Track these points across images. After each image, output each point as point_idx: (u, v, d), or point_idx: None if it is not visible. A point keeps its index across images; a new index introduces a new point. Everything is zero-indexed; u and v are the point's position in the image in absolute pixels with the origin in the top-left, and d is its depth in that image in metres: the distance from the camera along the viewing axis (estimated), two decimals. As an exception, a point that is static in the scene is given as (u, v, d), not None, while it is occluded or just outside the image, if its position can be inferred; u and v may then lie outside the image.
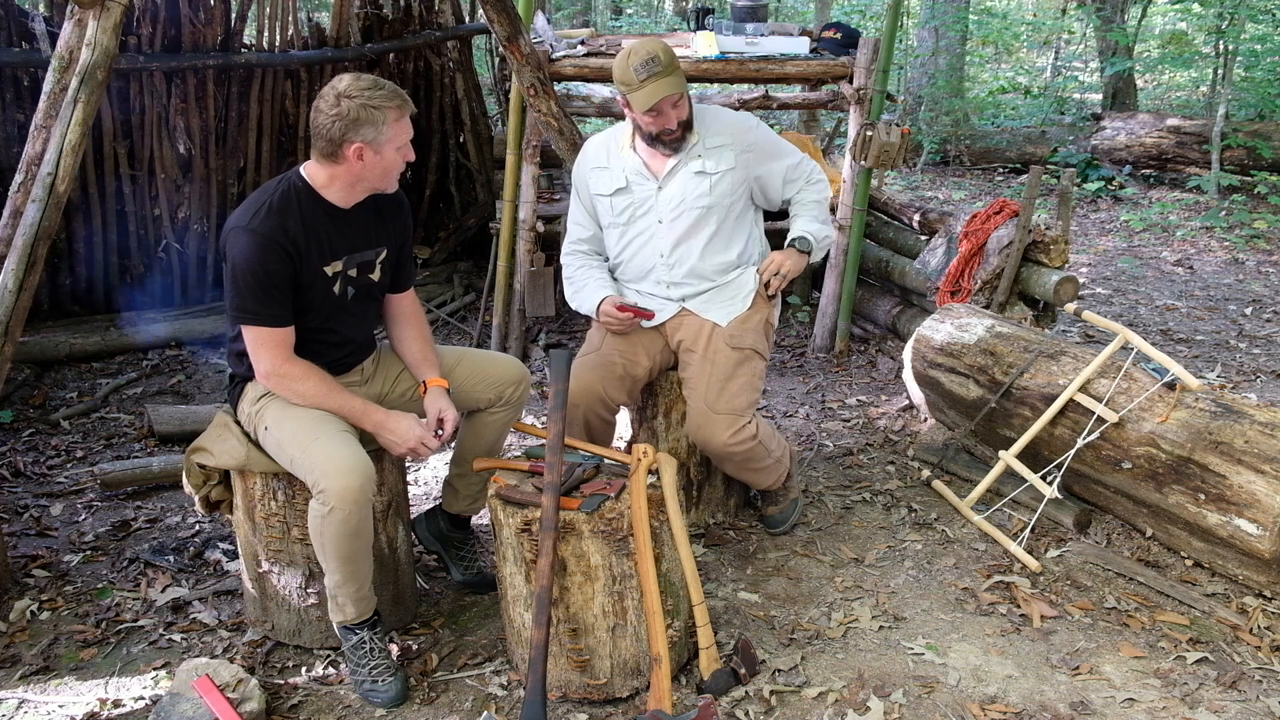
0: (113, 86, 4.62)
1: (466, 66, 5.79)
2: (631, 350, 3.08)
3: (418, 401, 2.68)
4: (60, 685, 2.57)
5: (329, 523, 2.34)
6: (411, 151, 2.45)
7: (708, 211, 3.00)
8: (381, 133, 2.35)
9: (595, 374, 3.03)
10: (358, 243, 2.53)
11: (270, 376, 2.45)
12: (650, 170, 3.02)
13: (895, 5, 4.94)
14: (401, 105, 2.38)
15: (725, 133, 3.01)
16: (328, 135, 2.34)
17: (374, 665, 2.49)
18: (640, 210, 3.04)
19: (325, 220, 2.45)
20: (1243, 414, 2.89)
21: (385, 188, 2.49)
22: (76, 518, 3.44)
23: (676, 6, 15.18)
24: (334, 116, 2.32)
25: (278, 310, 2.40)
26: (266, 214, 2.37)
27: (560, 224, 5.10)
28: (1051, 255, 3.99)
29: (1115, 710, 2.42)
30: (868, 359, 4.86)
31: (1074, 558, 3.08)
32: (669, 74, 2.82)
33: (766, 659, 2.62)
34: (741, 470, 3.10)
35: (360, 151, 2.36)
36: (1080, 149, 9.25)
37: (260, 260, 2.35)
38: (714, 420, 2.95)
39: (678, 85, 2.85)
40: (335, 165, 2.40)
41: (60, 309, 4.97)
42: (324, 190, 2.45)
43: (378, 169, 2.41)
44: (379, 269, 2.61)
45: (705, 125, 3.01)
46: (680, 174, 2.99)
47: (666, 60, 2.82)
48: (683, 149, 2.98)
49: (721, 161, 2.99)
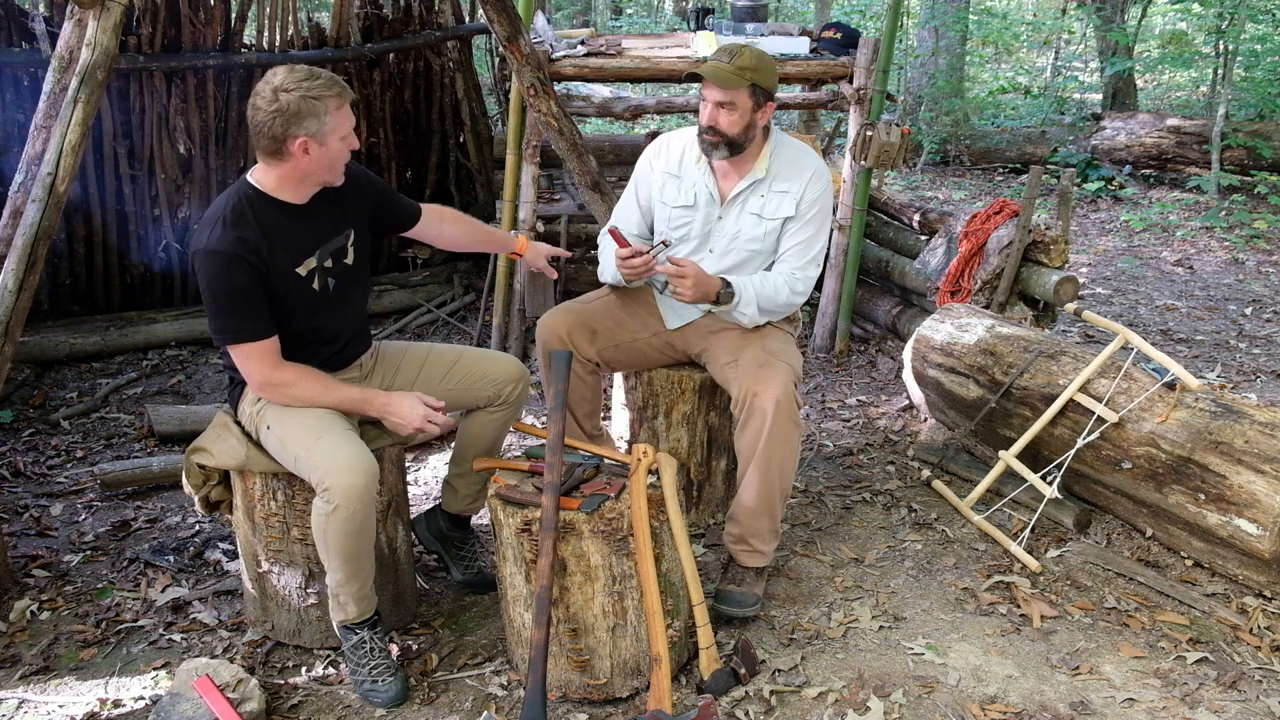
0: (113, 86, 4.62)
1: (466, 66, 5.78)
2: (621, 315, 3.05)
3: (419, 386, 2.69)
4: (60, 685, 2.57)
5: (333, 521, 2.34)
6: (355, 140, 2.40)
7: (755, 255, 2.96)
8: (324, 123, 2.30)
9: (566, 316, 3.02)
10: (326, 233, 2.50)
11: (264, 388, 2.45)
12: (719, 192, 2.96)
13: (895, 5, 4.93)
14: (341, 93, 2.33)
15: (796, 181, 2.91)
16: (269, 133, 2.29)
17: (374, 665, 2.49)
18: (697, 231, 3.00)
19: (284, 222, 2.41)
20: (1243, 414, 2.89)
21: (332, 180, 2.45)
22: (76, 518, 3.44)
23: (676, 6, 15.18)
24: (273, 113, 2.27)
25: (256, 323, 2.38)
26: (223, 229, 2.32)
27: (560, 224, 5.11)
28: (1051, 255, 3.99)
29: (1115, 710, 2.42)
30: (868, 359, 4.86)
31: (1074, 558, 3.08)
32: (733, 74, 2.74)
33: (766, 659, 2.62)
34: (764, 467, 2.72)
35: (305, 145, 2.31)
36: (1080, 149, 9.24)
37: (226, 277, 2.31)
38: (777, 365, 2.78)
39: (730, 83, 2.75)
40: (281, 163, 2.36)
41: (60, 309, 4.97)
42: (276, 192, 2.41)
43: (324, 161, 2.37)
44: (351, 251, 2.58)
45: (779, 164, 2.92)
46: (741, 207, 2.94)
47: (750, 60, 2.75)
48: (745, 182, 2.92)
49: (780, 209, 2.91)
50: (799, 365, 2.93)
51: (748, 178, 2.93)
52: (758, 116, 2.84)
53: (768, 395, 2.70)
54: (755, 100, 2.81)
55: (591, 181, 4.22)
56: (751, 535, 2.80)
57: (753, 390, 2.73)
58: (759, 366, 2.79)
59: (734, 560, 2.86)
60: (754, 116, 2.83)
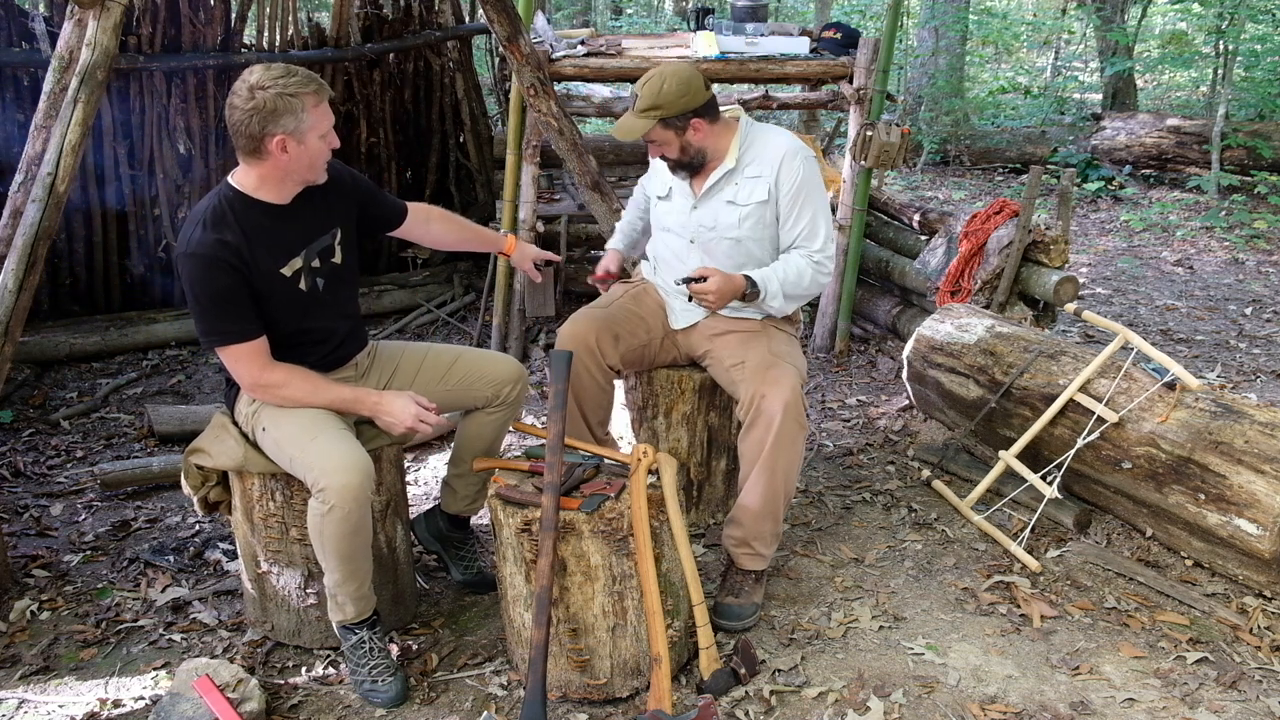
0: (113, 86, 4.62)
1: (466, 66, 5.79)
2: (638, 316, 3.06)
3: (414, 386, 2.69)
4: (60, 685, 2.57)
5: (329, 521, 2.34)
6: (336, 138, 2.38)
7: (738, 244, 2.92)
8: (302, 121, 2.28)
9: (592, 323, 2.97)
10: (311, 232, 2.49)
11: (255, 389, 2.44)
12: (691, 187, 2.96)
13: (895, 5, 4.93)
14: (318, 90, 2.31)
15: (767, 163, 2.87)
16: (247, 131, 2.28)
17: (374, 665, 2.49)
18: (674, 223, 3.01)
19: (266, 223, 2.39)
20: (1243, 414, 2.89)
21: (314, 179, 2.43)
22: (76, 518, 3.44)
23: (676, 6, 15.18)
24: (250, 111, 2.25)
25: (242, 324, 2.37)
26: (202, 232, 2.31)
27: (560, 224, 5.11)
28: (1051, 255, 3.99)
29: (1115, 710, 2.42)
30: (868, 359, 4.86)
31: (1074, 558, 3.08)
32: (642, 115, 2.75)
33: (766, 659, 2.62)
34: (769, 467, 2.72)
35: (283, 144, 2.29)
36: (1080, 149, 9.25)
37: (208, 279, 2.30)
38: (784, 367, 2.78)
39: (641, 129, 2.77)
40: (261, 163, 2.34)
41: (60, 309, 4.97)
42: (257, 193, 2.39)
43: (304, 160, 2.35)
44: (338, 250, 2.57)
45: (752, 152, 2.90)
46: (714, 199, 2.92)
47: (649, 98, 2.74)
48: (717, 175, 2.89)
49: (754, 194, 2.87)
50: (804, 367, 2.93)
51: (719, 170, 2.90)
52: (690, 136, 2.81)
53: (775, 398, 2.69)
54: (675, 128, 2.78)
55: (591, 181, 4.22)
56: (754, 538, 2.79)
57: (760, 392, 2.71)
58: (766, 369, 2.78)
59: (734, 565, 2.85)
60: (685, 138, 2.81)
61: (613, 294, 3.16)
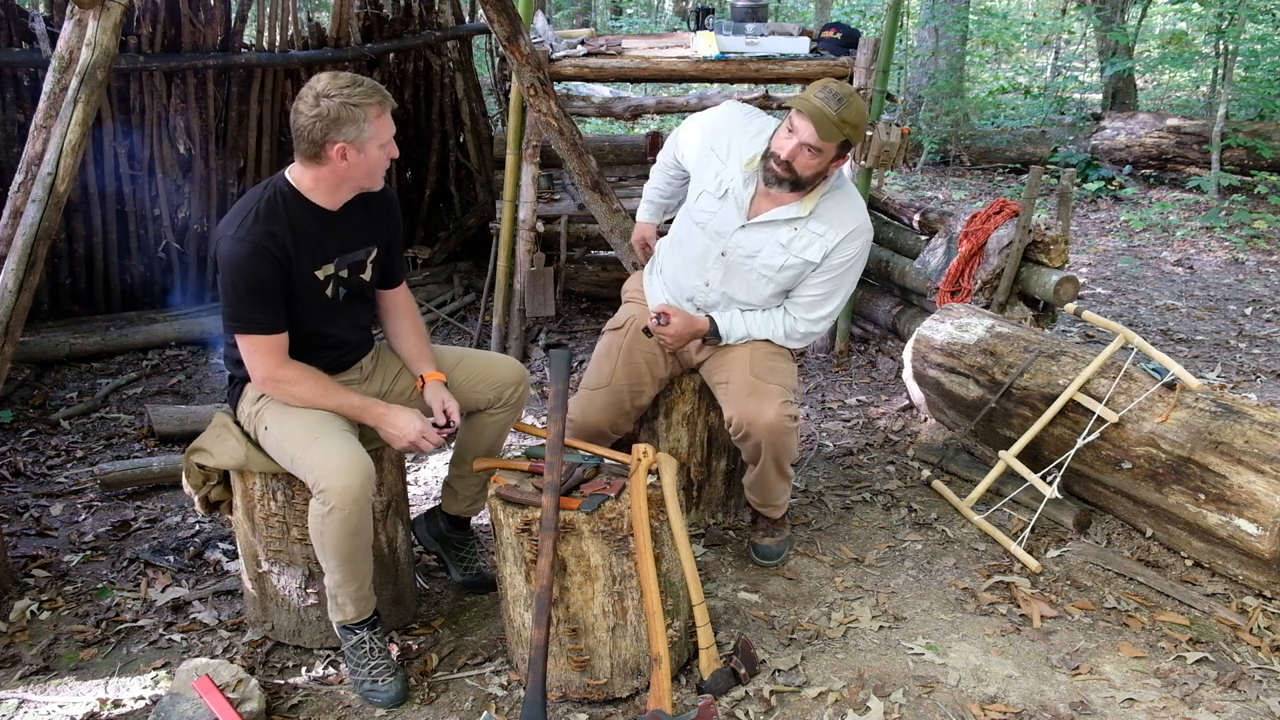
0: (113, 86, 4.62)
1: (466, 66, 5.79)
2: (639, 381, 3.05)
3: (419, 398, 2.68)
4: (60, 685, 2.57)
5: (329, 522, 2.34)
6: (395, 148, 2.42)
7: (765, 281, 2.89)
8: (363, 131, 2.32)
9: (604, 413, 3.01)
10: (348, 243, 2.52)
11: (266, 382, 2.45)
12: (750, 205, 2.85)
13: (895, 5, 4.93)
14: (382, 101, 2.35)
15: (834, 227, 2.82)
16: (309, 137, 2.31)
17: (374, 665, 2.49)
18: (713, 227, 2.90)
19: (314, 223, 2.43)
20: (1243, 414, 2.89)
21: (371, 186, 2.47)
22: (76, 518, 3.44)
23: (676, 6, 15.18)
24: (314, 117, 2.28)
25: (271, 317, 2.39)
26: (254, 221, 2.34)
27: (560, 224, 5.11)
28: (1051, 255, 3.99)
29: (1115, 710, 2.43)
30: (868, 359, 4.86)
31: (1074, 558, 3.08)
32: (835, 126, 2.62)
33: (766, 659, 2.62)
34: (771, 467, 2.90)
35: (344, 151, 2.33)
36: (1080, 149, 9.25)
37: (250, 268, 2.33)
38: (766, 390, 2.82)
39: (830, 135, 2.63)
40: (319, 167, 2.37)
41: (60, 309, 4.97)
42: (310, 193, 2.42)
43: (362, 168, 2.38)
44: (370, 268, 2.60)
45: (826, 207, 2.82)
46: (767, 232, 2.84)
47: (856, 117, 2.64)
48: (784, 213, 2.81)
49: (807, 250, 2.83)
50: (792, 377, 2.96)
51: (787, 209, 2.81)
52: (833, 165, 2.78)
53: (759, 425, 2.81)
54: (840, 152, 2.74)
55: (591, 181, 4.22)
56: (772, 499, 3.05)
57: (745, 419, 2.83)
58: (748, 395, 2.84)
59: (760, 515, 3.13)
60: (831, 165, 2.77)
61: (605, 350, 3.07)
